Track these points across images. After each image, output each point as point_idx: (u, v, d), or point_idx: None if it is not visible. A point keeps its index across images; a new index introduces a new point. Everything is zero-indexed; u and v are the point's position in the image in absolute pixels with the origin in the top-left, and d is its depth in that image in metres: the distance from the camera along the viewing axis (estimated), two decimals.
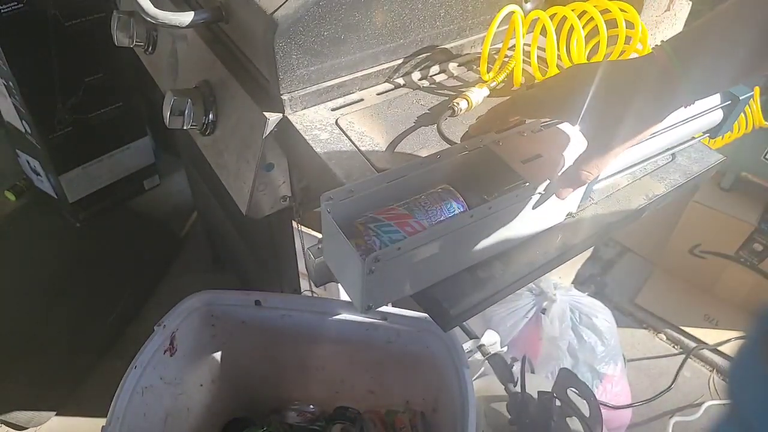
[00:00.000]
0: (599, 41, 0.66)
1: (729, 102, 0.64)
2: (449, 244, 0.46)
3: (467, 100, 0.65)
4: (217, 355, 0.97)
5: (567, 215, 0.57)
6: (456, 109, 0.65)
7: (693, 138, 0.67)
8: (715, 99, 0.64)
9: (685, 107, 0.47)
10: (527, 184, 0.49)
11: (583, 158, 0.48)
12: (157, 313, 0.85)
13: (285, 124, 0.64)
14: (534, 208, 0.51)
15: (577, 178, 0.48)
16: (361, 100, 0.68)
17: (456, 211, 0.48)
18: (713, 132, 0.67)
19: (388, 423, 0.97)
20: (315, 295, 1.07)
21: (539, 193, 0.50)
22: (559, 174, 0.50)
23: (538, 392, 0.90)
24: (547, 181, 0.50)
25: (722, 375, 1.46)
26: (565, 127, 0.55)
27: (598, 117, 0.47)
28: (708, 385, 1.45)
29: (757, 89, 0.87)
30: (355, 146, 0.61)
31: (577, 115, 0.47)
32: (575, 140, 0.53)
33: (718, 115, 0.65)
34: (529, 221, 0.53)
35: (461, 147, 0.52)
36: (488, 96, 0.69)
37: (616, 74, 0.47)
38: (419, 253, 0.45)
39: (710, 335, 1.53)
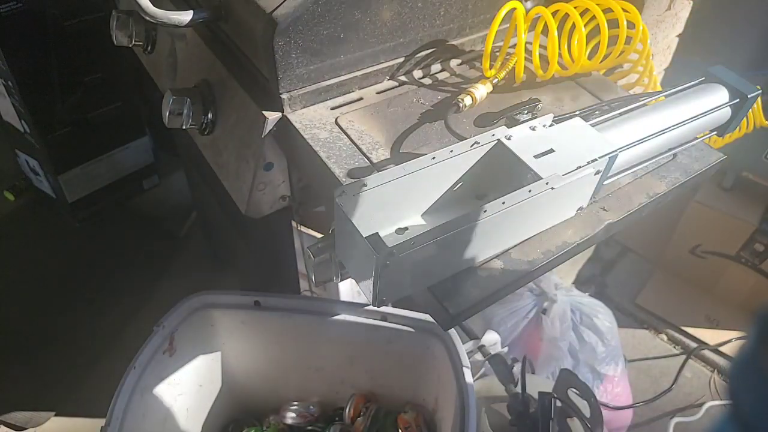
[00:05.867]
0: (600, 41, 0.66)
1: (737, 100, 0.63)
2: (461, 239, 0.46)
3: (472, 96, 0.65)
4: (217, 356, 0.97)
5: (578, 210, 0.56)
6: (461, 105, 0.65)
7: (700, 136, 0.66)
8: (724, 97, 0.63)
9: None
10: (541, 178, 0.49)
11: None
12: (157, 313, 0.85)
13: (284, 124, 0.64)
14: None
15: None
16: (361, 98, 0.68)
17: None
18: (720, 130, 0.67)
19: (390, 419, 0.96)
20: (314, 295, 1.07)
21: (551, 188, 0.49)
22: None
23: (539, 393, 0.89)
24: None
25: (723, 375, 1.46)
26: (576, 121, 0.55)
27: None
28: (709, 386, 1.45)
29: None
30: (355, 145, 0.61)
31: None
32: (587, 134, 0.53)
33: (726, 113, 0.65)
34: (541, 216, 0.52)
35: (473, 142, 0.52)
36: (491, 92, 0.68)
37: None
38: (432, 248, 0.44)
39: (711, 335, 1.53)
